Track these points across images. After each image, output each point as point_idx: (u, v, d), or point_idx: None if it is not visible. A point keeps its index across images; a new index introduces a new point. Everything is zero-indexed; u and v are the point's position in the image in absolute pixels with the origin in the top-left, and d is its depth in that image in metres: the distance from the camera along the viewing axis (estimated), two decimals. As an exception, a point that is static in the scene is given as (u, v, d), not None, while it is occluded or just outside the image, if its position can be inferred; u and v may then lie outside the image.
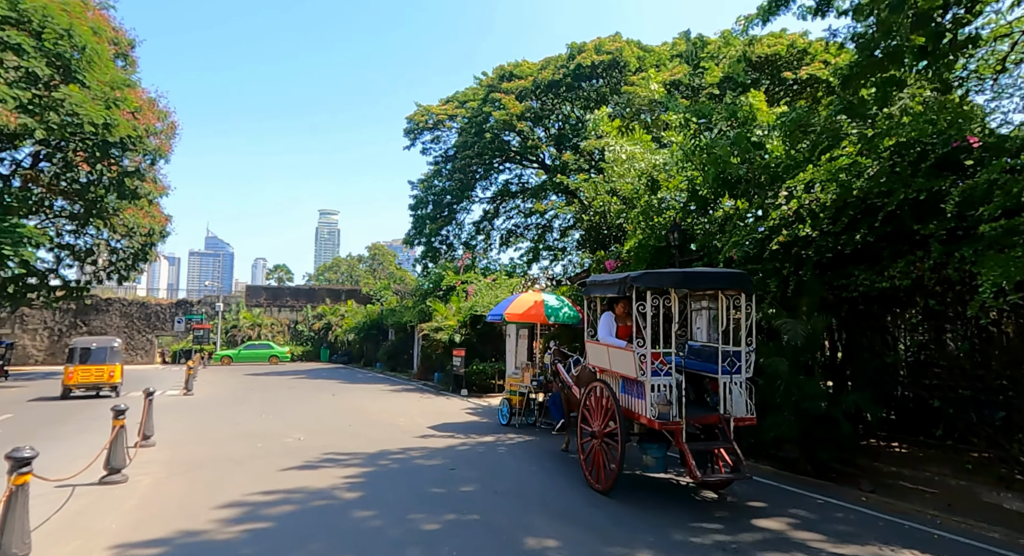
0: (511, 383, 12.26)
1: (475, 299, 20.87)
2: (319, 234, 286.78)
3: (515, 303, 11.65)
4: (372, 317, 35.07)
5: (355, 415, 13.32)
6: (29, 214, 25.27)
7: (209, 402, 15.99)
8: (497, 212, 32.93)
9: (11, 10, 15.44)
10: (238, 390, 19.81)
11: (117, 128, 18.00)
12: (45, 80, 16.22)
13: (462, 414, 13.93)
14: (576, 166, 24.01)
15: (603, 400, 6.72)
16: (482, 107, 27.33)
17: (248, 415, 13.24)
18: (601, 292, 7.03)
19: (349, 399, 16.90)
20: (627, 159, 11.23)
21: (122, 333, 38.54)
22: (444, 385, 20.79)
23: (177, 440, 9.90)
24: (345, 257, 69.40)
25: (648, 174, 11.00)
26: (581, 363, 8.95)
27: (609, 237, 13.87)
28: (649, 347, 6.04)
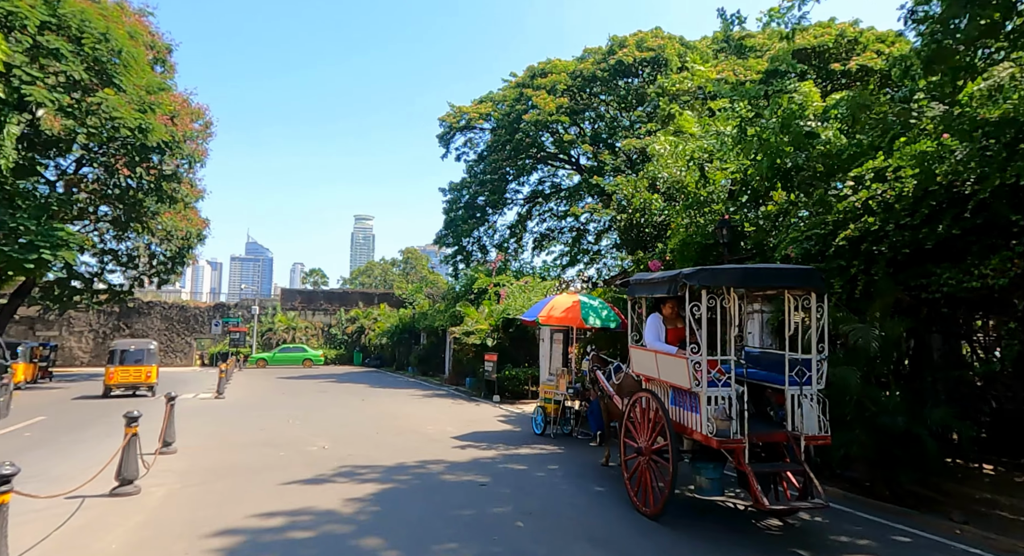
0: (545, 390, 11.58)
1: (507, 302, 20.27)
2: (354, 239, 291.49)
3: (550, 305, 10.99)
4: (404, 321, 34.88)
5: (383, 422, 12.84)
6: (74, 219, 25.92)
7: (239, 406, 15.80)
8: (530, 215, 32.34)
9: (51, 15, 15.63)
10: (269, 394, 19.66)
11: (153, 132, 18.07)
12: (83, 84, 16.37)
13: (494, 422, 13.31)
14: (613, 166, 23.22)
15: (650, 413, 6.00)
16: (515, 106, 26.79)
17: (275, 420, 12.91)
18: (647, 292, 6.31)
19: (378, 404, 16.49)
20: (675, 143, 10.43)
21: (162, 335, 39.36)
22: (475, 391, 20.23)
23: (199, 447, 9.55)
24: (379, 261, 69.85)
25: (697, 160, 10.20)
26: (623, 370, 8.22)
27: (650, 236, 13.08)
28: (705, 354, 5.30)
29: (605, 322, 10.75)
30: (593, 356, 8.96)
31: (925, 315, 7.35)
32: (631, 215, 13.55)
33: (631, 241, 13.47)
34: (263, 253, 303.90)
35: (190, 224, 28.19)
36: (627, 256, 12.31)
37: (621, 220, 13.44)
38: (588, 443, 10.38)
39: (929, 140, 7.06)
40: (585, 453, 9.51)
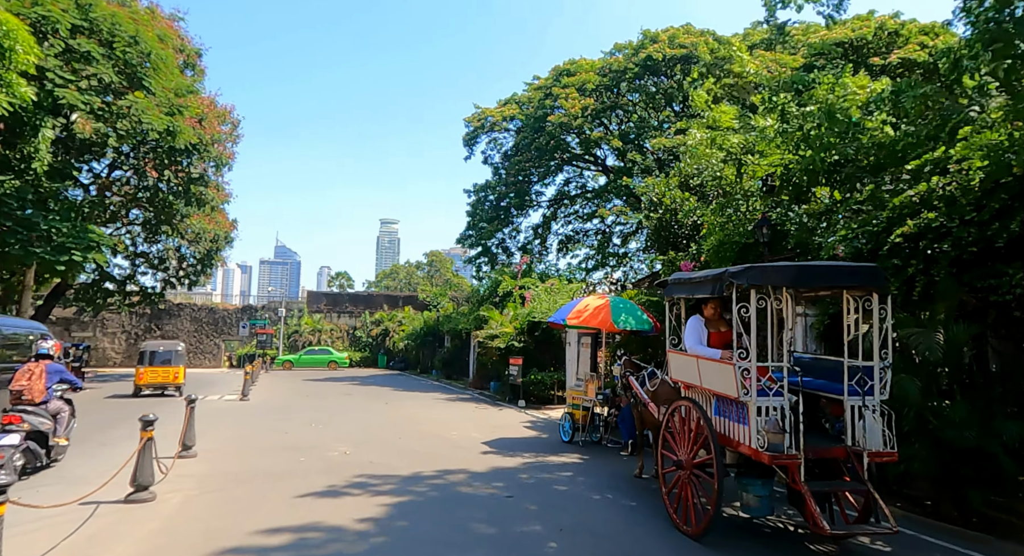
0: (573, 396, 11.14)
1: (532, 305, 19.87)
2: (380, 242, 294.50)
3: (578, 307, 10.55)
4: (428, 324, 34.73)
5: (406, 426, 12.55)
6: (107, 222, 26.41)
7: (262, 408, 15.70)
8: (555, 216, 31.91)
9: (83, 19, 15.83)
10: (293, 396, 19.59)
11: (181, 134, 18.20)
12: (114, 87, 16.55)
13: (519, 428, 12.91)
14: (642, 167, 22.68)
15: (691, 423, 5.54)
16: (539, 107, 26.42)
17: (297, 423, 12.72)
18: (688, 293, 5.85)
19: (402, 408, 16.23)
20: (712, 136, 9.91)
21: (191, 337, 39.93)
22: (500, 395, 19.85)
23: (219, 450, 9.37)
24: (403, 264, 70.15)
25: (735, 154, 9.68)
26: (657, 376, 7.76)
27: (682, 237, 12.55)
28: (754, 360, 4.83)
29: (637, 325, 10.27)
30: (625, 361, 8.50)
31: (994, 319, 6.72)
32: (662, 215, 13.04)
33: (662, 242, 12.96)
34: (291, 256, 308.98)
35: (218, 227, 28.50)
36: (658, 257, 11.82)
37: (652, 220, 12.95)
38: (619, 452, 9.90)
39: (995, 131, 6.45)
40: (616, 463, 9.04)
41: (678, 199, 12.75)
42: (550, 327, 18.22)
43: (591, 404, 10.56)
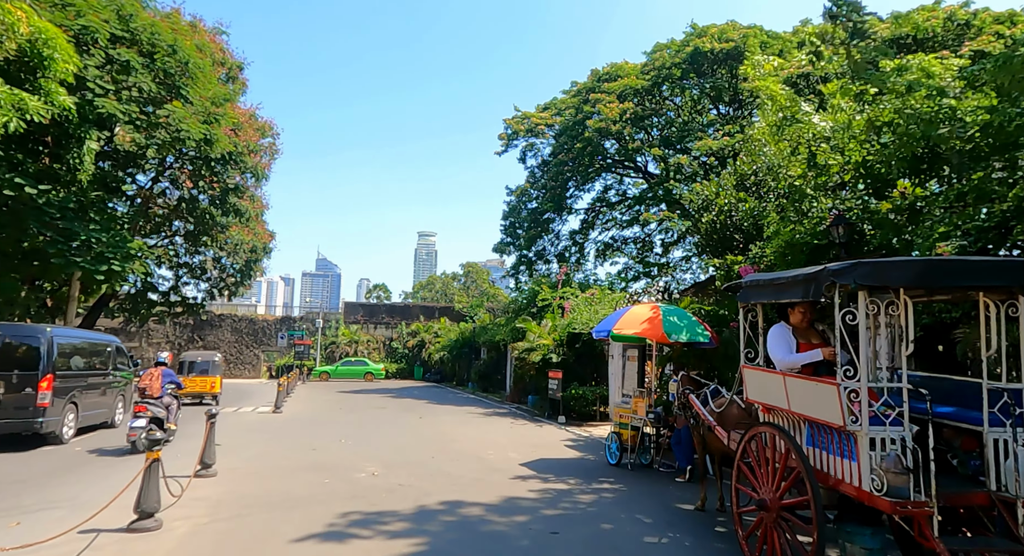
0: (620, 414, 10.16)
1: (572, 316, 18.95)
2: (418, 255, 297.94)
3: (626, 317, 9.62)
4: (464, 335, 34.10)
5: (439, 444, 11.78)
6: (151, 233, 26.83)
7: (294, 422, 15.21)
8: (593, 224, 30.95)
9: (123, 29, 15.92)
10: (327, 409, 19.13)
11: (217, 143, 18.13)
12: (152, 96, 16.57)
13: (560, 447, 11.97)
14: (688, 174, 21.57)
15: (778, 455, 4.56)
16: (577, 113, 25.61)
17: (328, 439, 12.11)
18: (770, 296, 4.89)
19: (436, 423, 15.50)
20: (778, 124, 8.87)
21: (231, 347, 40.41)
22: (539, 410, 18.93)
23: (241, 469, 8.77)
24: (440, 275, 70.10)
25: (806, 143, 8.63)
26: (722, 394, 6.77)
27: (738, 240, 11.49)
28: (865, 379, 3.86)
29: (692, 337, 9.26)
30: (683, 377, 7.53)
31: None
32: (715, 217, 12.01)
33: (716, 246, 11.90)
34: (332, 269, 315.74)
35: (256, 238, 28.66)
36: (712, 261, 10.79)
37: (704, 224, 11.93)
38: (674, 478, 8.88)
39: None
40: (672, 491, 8.03)
41: (733, 199, 11.71)
42: (592, 339, 17.27)
43: (641, 423, 9.57)
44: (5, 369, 10.35)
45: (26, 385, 10.29)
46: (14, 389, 10.25)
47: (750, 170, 12.19)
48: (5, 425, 10.12)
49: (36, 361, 10.52)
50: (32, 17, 12.46)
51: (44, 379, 10.46)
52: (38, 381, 10.39)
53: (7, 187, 14.57)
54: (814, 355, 4.59)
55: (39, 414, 10.27)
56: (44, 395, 10.38)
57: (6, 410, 10.14)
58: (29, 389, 10.28)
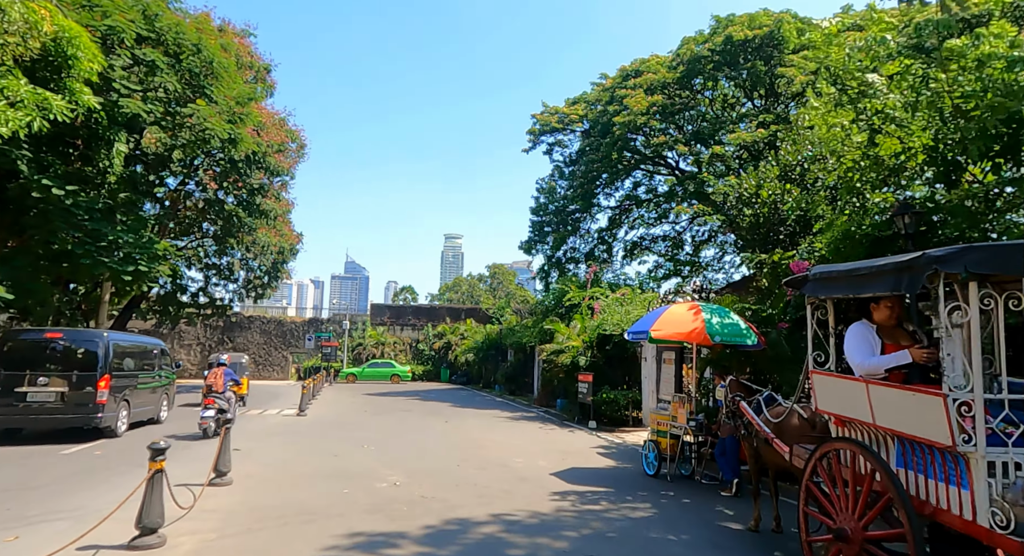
0: (658, 421, 9.48)
1: (602, 317, 18.26)
2: (444, 257, 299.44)
3: (664, 318, 8.94)
4: (491, 337, 33.62)
5: (466, 451, 11.24)
6: (182, 235, 27.06)
7: (318, 425, 14.87)
8: (621, 222, 30.13)
9: (149, 29, 15.86)
10: (352, 412, 18.81)
11: (242, 143, 18.00)
12: (177, 96, 16.50)
13: (592, 455, 11.32)
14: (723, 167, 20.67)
15: (859, 476, 3.88)
16: (606, 107, 24.87)
17: (350, 444, 11.69)
18: (846, 290, 4.20)
19: (463, 428, 14.99)
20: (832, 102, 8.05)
21: (260, 349, 40.69)
22: (568, 414, 18.29)
23: (258, 476, 8.37)
24: (466, 277, 69.86)
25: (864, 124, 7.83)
26: (778, 402, 6.07)
27: (785, 234, 10.70)
28: (980, 388, 3.17)
29: (737, 338, 8.54)
30: (732, 382, 6.84)
31: None
32: (758, 211, 11.23)
33: (760, 241, 11.12)
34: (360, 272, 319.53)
35: (283, 239, 28.69)
36: (757, 257, 10.01)
37: (746, 218, 11.16)
38: (719, 492, 8.16)
39: None
40: (718, 507, 7.33)
41: (778, 191, 10.91)
42: (623, 340, 16.56)
43: (681, 431, 8.87)
44: (67, 369, 11.40)
45: (86, 384, 11.31)
46: (75, 387, 11.26)
47: (794, 160, 11.38)
48: (68, 420, 11.19)
49: (95, 362, 11.57)
50: (57, 16, 12.36)
51: (102, 379, 11.48)
52: (97, 380, 11.40)
53: (35, 189, 14.60)
54: (901, 357, 3.89)
55: (98, 410, 11.31)
56: (102, 393, 11.39)
57: (69, 406, 11.21)
58: (89, 388, 11.31)
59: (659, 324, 8.84)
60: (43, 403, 11.13)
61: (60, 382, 11.26)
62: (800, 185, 11.07)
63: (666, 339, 8.99)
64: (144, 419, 13.94)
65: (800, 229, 10.68)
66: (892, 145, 7.91)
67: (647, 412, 15.79)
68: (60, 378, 11.28)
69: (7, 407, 10.98)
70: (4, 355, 11.48)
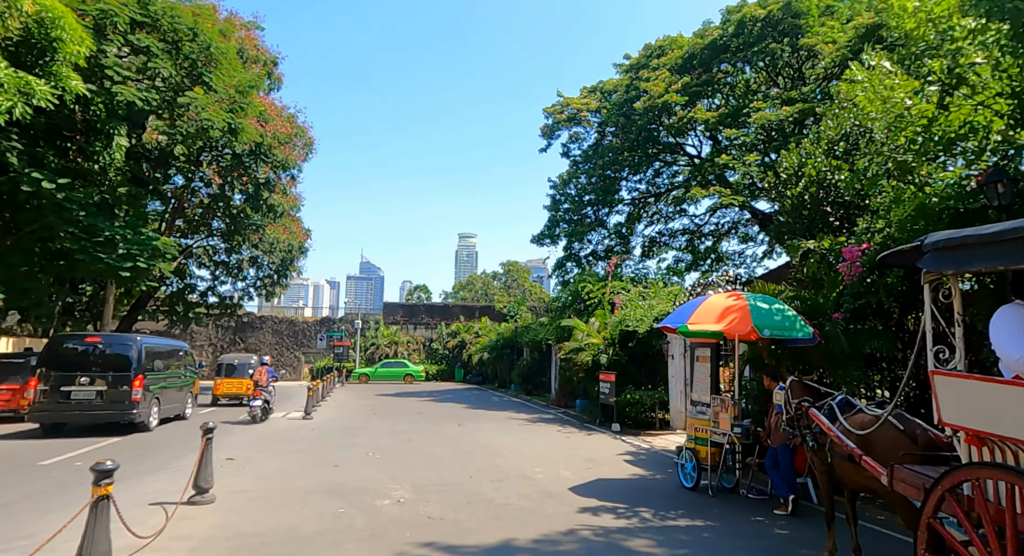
0: (696, 426, 8.40)
1: (623, 312, 17.16)
2: (458, 256, 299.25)
3: (703, 309, 7.86)
4: (505, 335, 32.63)
5: (480, 460, 10.25)
6: (190, 232, 26.44)
7: (323, 430, 13.99)
8: (639, 217, 28.90)
9: (144, 15, 15.10)
10: (361, 415, 17.92)
11: (243, 133, 17.18)
12: (173, 82, 15.72)
13: (619, 463, 10.27)
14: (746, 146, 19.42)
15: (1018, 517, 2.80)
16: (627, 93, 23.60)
17: (355, 452, 10.76)
18: (987, 261, 3.11)
19: (477, 432, 14.01)
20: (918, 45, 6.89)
21: (272, 350, 40.11)
22: (588, 416, 17.24)
23: (246, 493, 7.45)
24: (480, 275, 68.94)
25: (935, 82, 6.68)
26: (857, 409, 4.98)
27: (834, 216, 9.54)
28: None
29: (788, 332, 7.44)
30: (793, 384, 5.74)
31: None
32: (804, 190, 10.08)
33: (802, 225, 9.96)
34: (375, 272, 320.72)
35: (292, 236, 27.92)
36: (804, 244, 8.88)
37: (790, 197, 10.01)
38: (771, 508, 7.07)
39: None
40: (777, 529, 6.24)
41: (825, 167, 9.75)
42: (647, 337, 15.46)
43: (724, 439, 7.78)
44: (105, 370, 12.46)
45: (122, 383, 12.38)
46: (112, 386, 12.34)
47: (837, 134, 10.20)
48: (107, 416, 12.33)
49: (129, 364, 12.66)
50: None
51: (137, 378, 12.56)
52: (132, 380, 12.47)
53: (26, 182, 13.90)
54: None
55: (133, 407, 12.40)
56: (137, 391, 12.47)
57: (107, 403, 12.32)
58: (125, 386, 12.38)
59: (697, 316, 7.77)
60: (85, 401, 12.23)
61: (100, 382, 12.35)
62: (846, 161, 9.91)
63: (704, 332, 7.91)
64: (171, 416, 14.96)
65: (851, 210, 9.52)
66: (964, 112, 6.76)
67: (675, 414, 14.69)
68: (100, 378, 12.35)
69: (55, 404, 12.15)
70: (50, 357, 12.59)
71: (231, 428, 13.81)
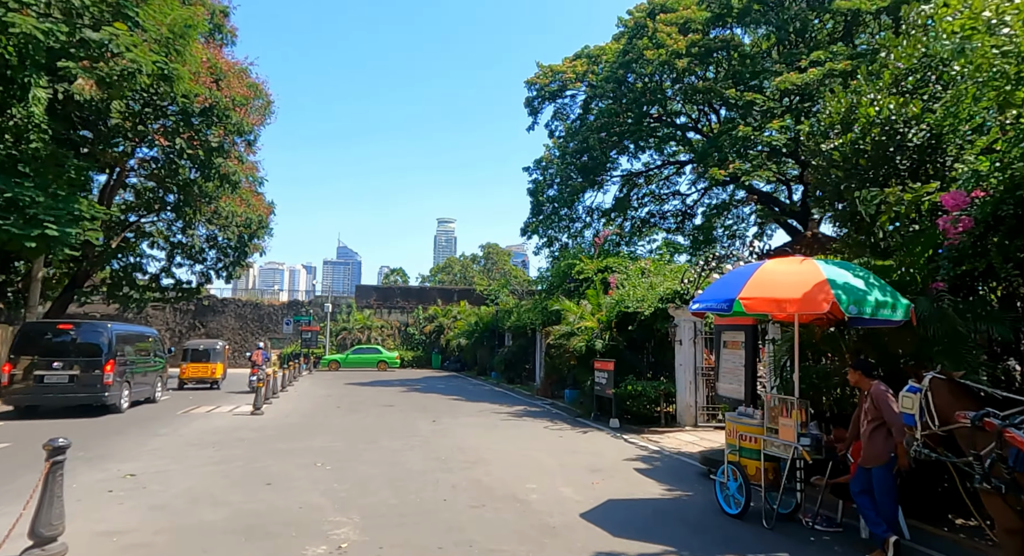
0: (742, 434, 6.42)
1: (621, 292, 15.17)
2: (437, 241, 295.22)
3: (757, 279, 5.81)
4: (486, 320, 30.55)
5: (458, 471, 8.17)
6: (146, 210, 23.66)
7: (269, 430, 11.77)
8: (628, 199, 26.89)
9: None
10: (323, 408, 15.72)
11: (178, 80, 14.62)
12: (88, 14, 13.09)
13: (630, 474, 8.31)
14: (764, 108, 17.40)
15: None
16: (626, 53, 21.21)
17: (300, 462, 8.60)
18: None
19: (454, 429, 11.96)
20: None
21: (236, 335, 37.47)
22: (580, 408, 15.34)
23: (119, 537, 5.24)
24: (459, 257, 66.54)
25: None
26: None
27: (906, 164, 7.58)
28: None
29: (884, 311, 5.44)
30: (938, 385, 3.75)
31: None
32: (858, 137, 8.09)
33: (861, 176, 7.99)
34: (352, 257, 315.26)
35: (250, 209, 25.23)
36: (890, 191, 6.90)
37: (847, 145, 8.01)
38: (850, 544, 5.15)
39: None
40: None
41: (892, 105, 7.76)
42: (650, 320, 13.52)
43: (789, 452, 5.80)
44: (78, 356, 13.04)
45: (94, 368, 12.98)
46: (86, 370, 12.93)
47: (908, 66, 8.23)
48: (80, 398, 12.89)
49: (100, 349, 13.23)
50: None
51: (108, 363, 13.13)
52: (103, 365, 13.04)
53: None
54: None
55: (105, 390, 13.01)
56: (108, 375, 13.06)
57: (81, 387, 12.90)
58: (97, 371, 12.97)
59: (753, 288, 5.72)
60: (58, 384, 12.84)
61: (72, 366, 12.93)
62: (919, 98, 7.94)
63: (763, 310, 5.90)
64: (142, 398, 15.51)
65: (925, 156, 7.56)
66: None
67: (682, 409, 12.80)
68: (72, 363, 12.94)
69: (29, 388, 12.76)
70: (23, 344, 13.14)
71: (166, 424, 12.33)
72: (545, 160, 26.34)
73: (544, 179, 26.42)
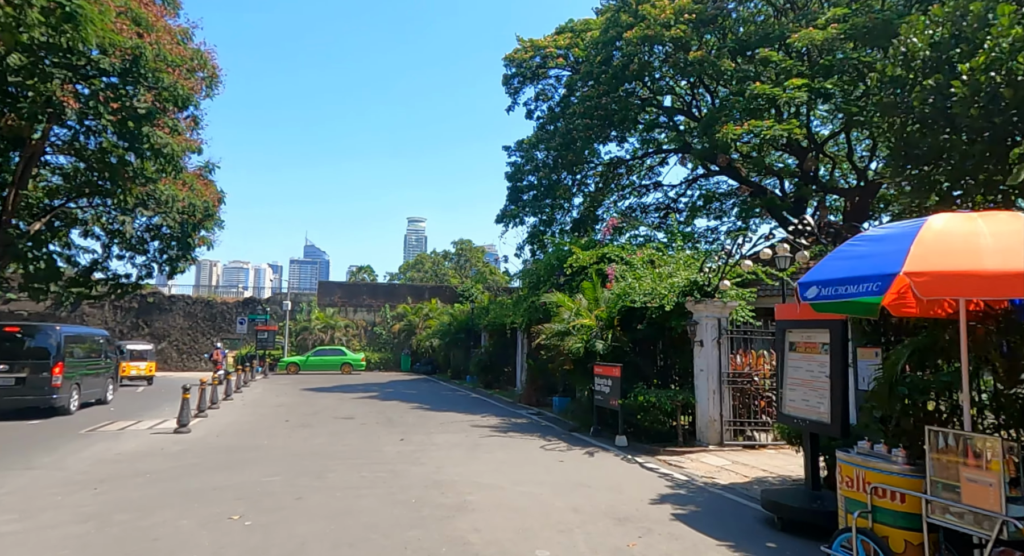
0: (878, 487, 4.22)
1: (624, 285, 12.97)
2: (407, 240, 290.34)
3: (928, 247, 3.62)
4: (460, 318, 28.13)
5: (435, 525, 5.78)
6: (77, 195, 20.48)
7: (188, 456, 9.15)
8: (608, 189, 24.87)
9: None
10: (268, 421, 13.11)
11: (86, 22, 11.85)
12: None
13: (667, 521, 6.07)
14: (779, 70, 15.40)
15: None
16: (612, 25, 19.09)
17: (208, 511, 6.08)
18: None
19: (428, 452, 9.55)
20: None
21: (184, 335, 34.14)
22: (574, 419, 13.17)
23: None
24: (430, 254, 63.77)
25: None
26: None
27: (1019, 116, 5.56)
28: None
29: None
30: None
31: None
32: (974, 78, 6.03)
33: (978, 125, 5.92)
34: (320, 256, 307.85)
35: (194, 194, 22.20)
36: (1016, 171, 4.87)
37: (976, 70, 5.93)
38: None
39: None
40: None
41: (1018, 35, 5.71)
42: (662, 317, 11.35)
43: (977, 524, 3.62)
44: (26, 358, 12.98)
45: (43, 370, 12.95)
46: (34, 372, 12.91)
47: None
48: (28, 400, 12.94)
49: (48, 352, 13.15)
50: None
51: (57, 365, 13.09)
52: (51, 367, 12.99)
53: None
54: None
55: (53, 392, 13.02)
56: (57, 377, 13.05)
57: (29, 389, 12.91)
58: (45, 373, 12.95)
59: (923, 258, 3.51)
60: (5, 386, 12.73)
61: (20, 368, 12.80)
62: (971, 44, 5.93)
63: (945, 294, 3.70)
64: (92, 400, 15.45)
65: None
66: None
67: (704, 424, 10.63)
68: (20, 365, 12.80)
69: None
70: None
71: (56, 447, 9.76)
72: (527, 143, 24.06)
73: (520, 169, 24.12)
